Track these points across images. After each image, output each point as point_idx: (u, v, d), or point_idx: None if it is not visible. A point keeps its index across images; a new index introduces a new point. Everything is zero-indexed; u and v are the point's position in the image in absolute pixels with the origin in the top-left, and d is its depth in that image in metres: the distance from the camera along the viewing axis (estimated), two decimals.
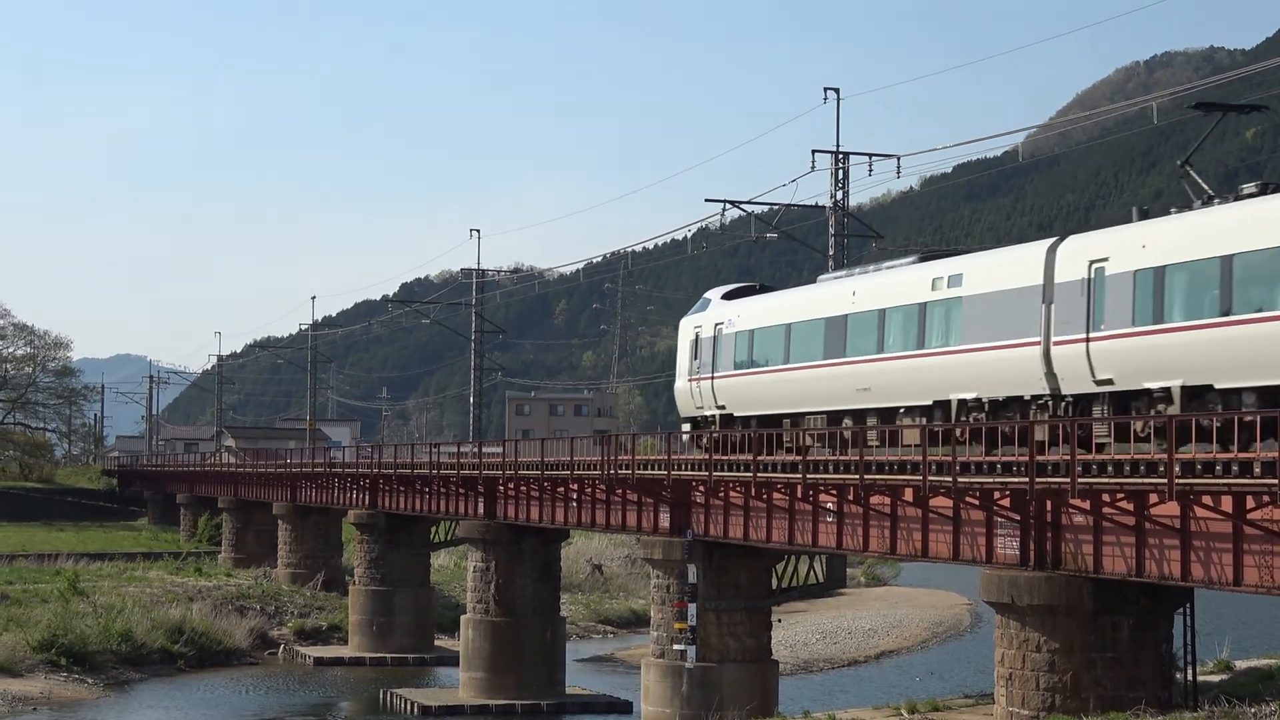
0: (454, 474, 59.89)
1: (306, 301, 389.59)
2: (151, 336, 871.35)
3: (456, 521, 63.99)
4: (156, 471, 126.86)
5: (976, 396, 34.02)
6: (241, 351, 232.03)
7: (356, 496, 74.58)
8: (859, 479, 34.27)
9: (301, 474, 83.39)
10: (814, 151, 55.05)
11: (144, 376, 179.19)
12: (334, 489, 78.49)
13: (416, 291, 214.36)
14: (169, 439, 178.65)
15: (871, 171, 55.48)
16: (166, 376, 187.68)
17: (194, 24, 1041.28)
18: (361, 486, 73.76)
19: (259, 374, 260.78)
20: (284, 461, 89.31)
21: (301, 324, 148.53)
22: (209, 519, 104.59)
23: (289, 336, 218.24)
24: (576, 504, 51.22)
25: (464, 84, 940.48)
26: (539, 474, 51.76)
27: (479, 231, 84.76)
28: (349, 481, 75.89)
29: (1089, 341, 30.63)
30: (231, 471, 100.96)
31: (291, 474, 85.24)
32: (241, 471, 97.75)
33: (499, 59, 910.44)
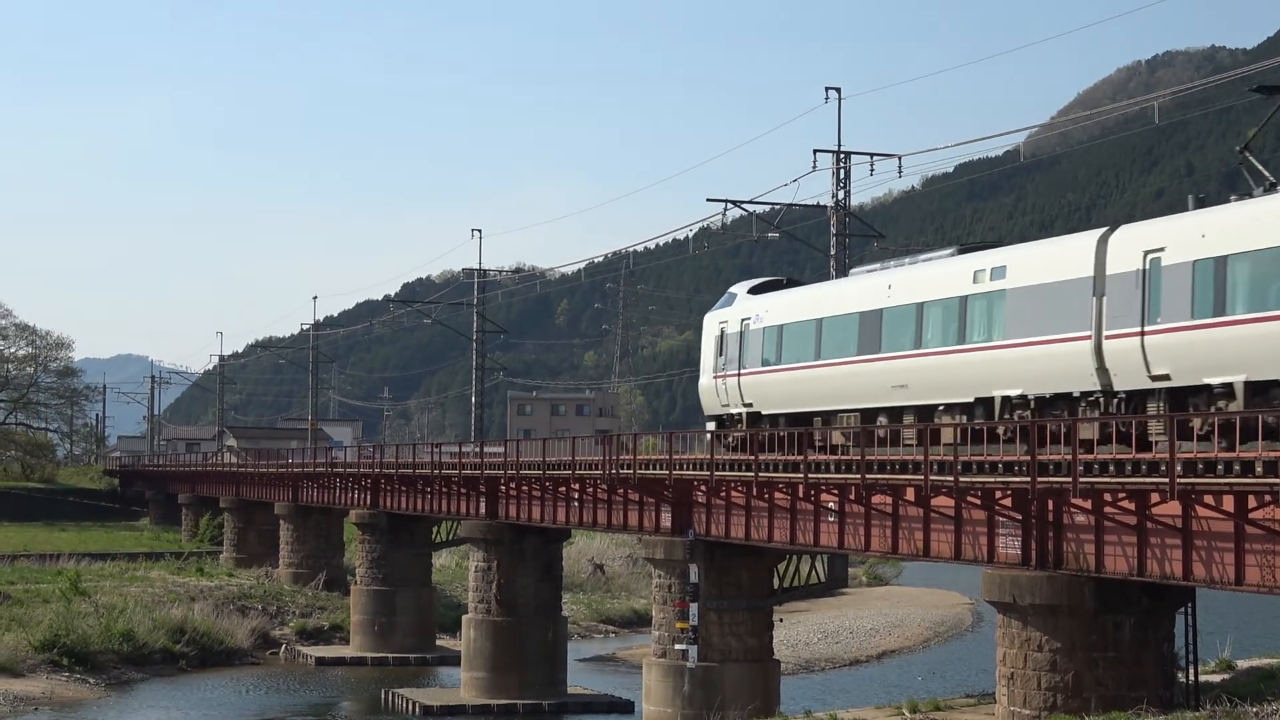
0: (456, 474, 59.87)
1: (308, 301, 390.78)
2: (153, 336, 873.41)
3: (458, 521, 63.99)
4: (158, 471, 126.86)
5: (1021, 393, 33.01)
6: (243, 351, 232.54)
7: (358, 496, 74.56)
8: (860, 479, 34.22)
9: (303, 474, 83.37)
10: (815, 151, 55.22)
11: (145, 376, 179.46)
12: (336, 489, 78.48)
13: (418, 291, 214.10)
14: (170, 439, 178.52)
15: (873, 171, 55.60)
16: (168, 376, 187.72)
17: (194, 24, 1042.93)
18: (363, 486, 73.74)
19: (260, 374, 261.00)
20: (286, 461, 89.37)
21: (303, 324, 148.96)
22: (211, 519, 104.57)
23: (290, 336, 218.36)
24: (578, 504, 51.20)
25: (466, 84, 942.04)
26: (541, 474, 51.76)
27: (480, 231, 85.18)
28: (351, 481, 75.87)
29: (1144, 335, 29.51)
30: (233, 471, 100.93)
31: (293, 474, 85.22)
32: (243, 471, 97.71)
33: (501, 59, 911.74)
